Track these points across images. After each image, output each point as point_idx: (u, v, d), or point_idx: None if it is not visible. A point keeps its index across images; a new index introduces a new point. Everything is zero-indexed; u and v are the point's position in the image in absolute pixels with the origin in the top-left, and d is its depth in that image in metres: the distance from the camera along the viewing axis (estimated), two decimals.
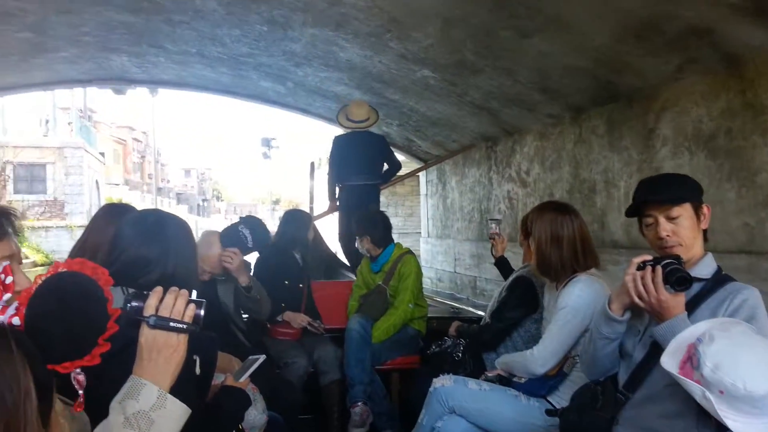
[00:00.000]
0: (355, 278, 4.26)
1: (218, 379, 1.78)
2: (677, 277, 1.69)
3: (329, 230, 6.58)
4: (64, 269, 1.23)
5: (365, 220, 3.92)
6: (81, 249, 2.18)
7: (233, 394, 1.75)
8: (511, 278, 3.11)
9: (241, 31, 6.12)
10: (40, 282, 1.21)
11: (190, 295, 1.26)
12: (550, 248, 2.46)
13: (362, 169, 5.58)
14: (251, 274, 3.03)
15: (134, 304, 1.23)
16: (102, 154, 32.33)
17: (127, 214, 1.85)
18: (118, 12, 5.88)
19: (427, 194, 10.34)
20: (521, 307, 2.93)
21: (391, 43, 5.45)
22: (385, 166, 5.90)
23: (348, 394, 3.45)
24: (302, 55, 6.64)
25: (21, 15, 5.95)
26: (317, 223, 5.12)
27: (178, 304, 1.23)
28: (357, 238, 3.89)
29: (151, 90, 58.03)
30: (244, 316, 3.20)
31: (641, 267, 1.77)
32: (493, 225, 3.68)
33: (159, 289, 1.24)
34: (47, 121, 27.22)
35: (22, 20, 6.32)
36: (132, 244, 1.58)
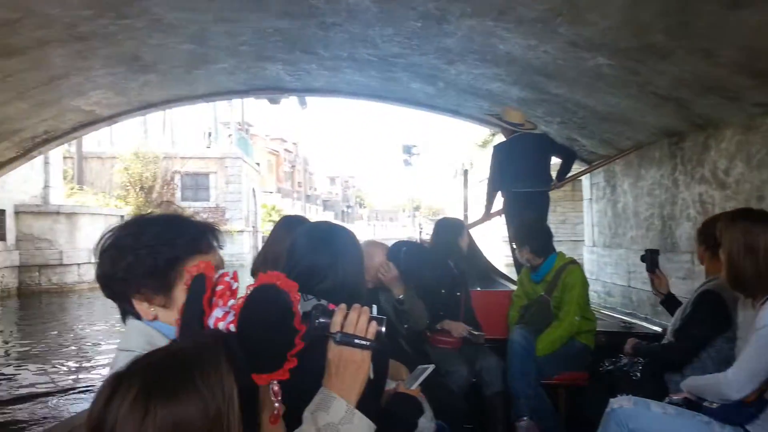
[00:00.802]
0: (513, 288, 4.27)
1: (388, 386, 1.82)
2: None
3: (487, 237, 6.41)
4: (266, 282, 1.22)
5: (523, 229, 3.87)
6: (263, 259, 2.41)
7: (407, 402, 1.75)
8: (696, 293, 2.91)
9: (394, 29, 5.87)
10: (248, 292, 1.21)
11: (370, 311, 1.31)
12: (744, 260, 2.30)
13: (526, 176, 5.43)
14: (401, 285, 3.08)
15: (321, 320, 1.29)
16: (258, 164, 34.29)
17: (301, 225, 1.95)
18: (274, 18, 5.86)
19: (591, 199, 9.44)
20: (709, 324, 2.76)
21: (561, 29, 4.87)
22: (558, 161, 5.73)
23: (512, 408, 3.37)
24: (456, 51, 6.27)
25: (183, 26, 6.12)
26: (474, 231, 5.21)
27: (361, 321, 1.27)
28: (516, 247, 3.89)
29: (301, 102, 60.89)
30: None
31: None
32: (650, 258, 3.46)
33: (343, 306, 1.29)
34: (210, 134, 29.32)
35: (184, 32, 6.54)
36: (306, 253, 1.68)
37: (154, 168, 23.46)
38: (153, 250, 1.26)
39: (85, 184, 20.82)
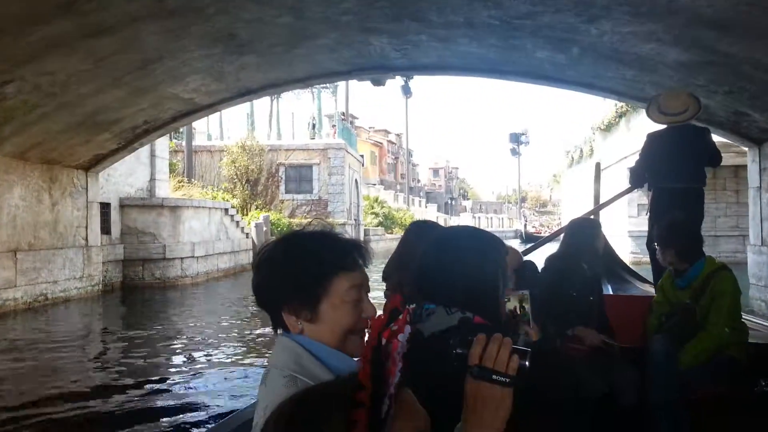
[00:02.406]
0: (649, 290, 4.17)
1: None
2: None
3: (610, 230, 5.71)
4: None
5: (669, 229, 3.62)
6: (396, 265, 2.51)
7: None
8: None
9: None
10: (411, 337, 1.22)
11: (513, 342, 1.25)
12: None
13: (680, 171, 5.00)
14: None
15: (459, 351, 1.25)
16: (361, 156, 34.22)
17: (434, 231, 2.03)
18: None
19: (761, 187, 7.83)
20: None
21: None
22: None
23: (652, 422, 3.18)
24: (601, 4, 5.17)
25: None
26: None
27: (502, 354, 1.21)
28: (658, 248, 3.64)
29: (405, 91, 60.38)
30: None
31: None
32: None
33: (482, 336, 1.24)
34: (313, 125, 29.37)
35: (281, 1, 5.87)
36: (434, 262, 1.66)
37: (260, 160, 23.74)
38: (300, 265, 1.34)
39: (195, 178, 21.23)
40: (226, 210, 16.66)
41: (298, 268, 1.33)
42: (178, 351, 7.36)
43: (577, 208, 30.15)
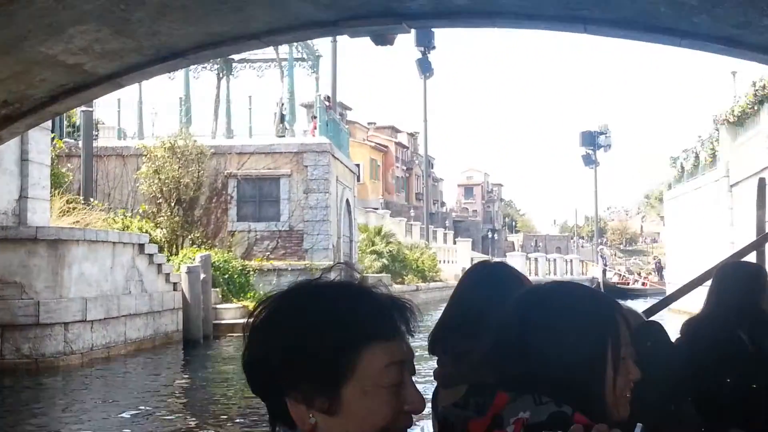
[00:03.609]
0: None
1: None
2: None
3: None
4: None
5: None
6: (458, 322, 2.72)
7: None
8: None
9: None
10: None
11: None
12: None
13: None
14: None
15: None
16: (357, 165, 33.91)
17: (515, 282, 2.57)
18: None
19: None
20: None
21: None
22: None
23: None
24: None
25: None
26: None
27: None
28: None
29: (423, 66, 61.49)
30: None
31: None
32: None
33: (578, 427, 1.45)
34: (283, 117, 28.78)
35: None
36: (518, 335, 1.80)
37: (199, 169, 23.68)
38: (318, 332, 1.41)
39: (97, 197, 21.13)
40: (142, 246, 16.55)
41: (312, 335, 1.41)
42: None
43: (692, 245, 30.06)
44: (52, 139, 16.61)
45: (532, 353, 1.75)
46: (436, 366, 2.73)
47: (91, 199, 19.34)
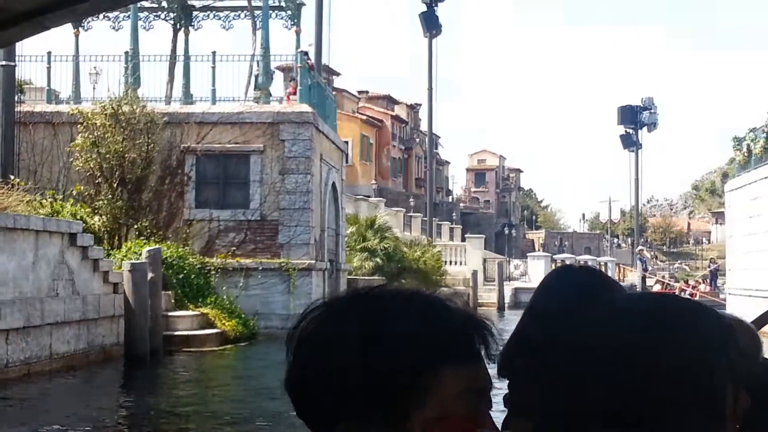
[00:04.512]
0: None
1: None
2: None
3: None
4: None
5: None
6: (528, 346, 2.68)
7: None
8: None
9: None
10: None
11: None
12: None
13: None
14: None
15: None
16: (345, 142, 33.70)
17: (607, 291, 2.55)
18: None
19: None
20: None
21: None
22: None
23: None
24: None
25: None
26: None
27: None
28: None
29: (428, 21, 61.55)
30: None
31: None
32: None
33: None
34: (256, 78, 28.73)
35: None
36: (608, 363, 1.75)
37: (148, 142, 23.64)
38: (378, 350, 1.43)
39: (20, 174, 20.98)
40: (74, 237, 16.36)
41: (375, 356, 1.42)
42: None
43: (764, 247, 29.78)
44: None
45: (649, 387, 1.65)
46: (507, 390, 2.68)
47: (12, 177, 19.14)
